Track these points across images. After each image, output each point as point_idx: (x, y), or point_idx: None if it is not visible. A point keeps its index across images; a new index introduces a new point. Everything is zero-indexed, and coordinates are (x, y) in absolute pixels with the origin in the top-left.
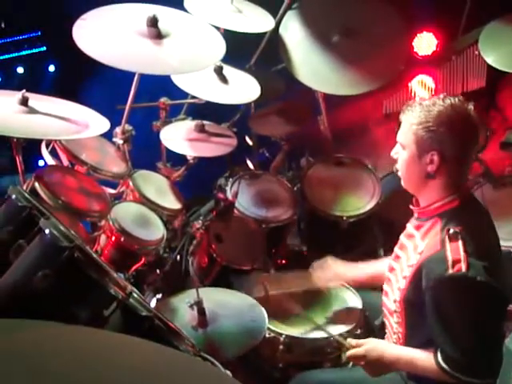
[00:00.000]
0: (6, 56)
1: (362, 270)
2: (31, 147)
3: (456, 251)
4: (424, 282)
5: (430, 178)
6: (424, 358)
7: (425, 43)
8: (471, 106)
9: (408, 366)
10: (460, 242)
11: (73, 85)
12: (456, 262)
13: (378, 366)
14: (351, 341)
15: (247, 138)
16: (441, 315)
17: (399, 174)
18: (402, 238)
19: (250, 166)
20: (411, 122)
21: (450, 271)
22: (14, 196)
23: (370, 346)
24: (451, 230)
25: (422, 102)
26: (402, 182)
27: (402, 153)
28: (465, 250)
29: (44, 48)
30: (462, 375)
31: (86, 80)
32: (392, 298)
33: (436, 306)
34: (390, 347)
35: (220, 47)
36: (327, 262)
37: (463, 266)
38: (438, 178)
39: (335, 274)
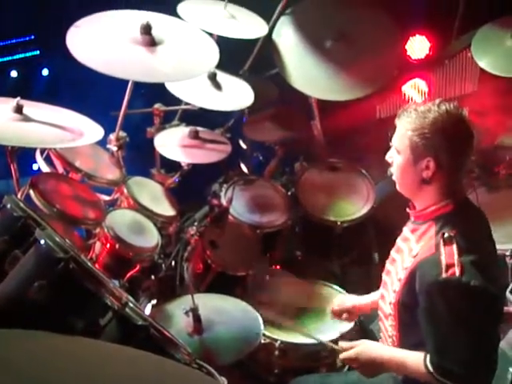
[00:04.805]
0: (0, 59)
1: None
2: (25, 151)
3: (450, 255)
4: (418, 285)
5: (425, 183)
6: (415, 360)
7: (417, 46)
8: (466, 112)
9: (399, 367)
10: (454, 246)
11: (66, 89)
12: (450, 266)
13: (371, 366)
14: (342, 344)
15: (241, 142)
16: (432, 319)
17: (393, 177)
18: (399, 241)
19: (245, 170)
20: (406, 127)
21: (444, 275)
22: (8, 205)
23: (361, 347)
24: (446, 234)
25: (418, 107)
26: (397, 186)
27: (396, 157)
28: (459, 254)
29: (37, 52)
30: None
31: (79, 84)
32: (387, 301)
33: (428, 310)
34: (381, 348)
35: (213, 54)
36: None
37: (457, 271)
38: (433, 183)
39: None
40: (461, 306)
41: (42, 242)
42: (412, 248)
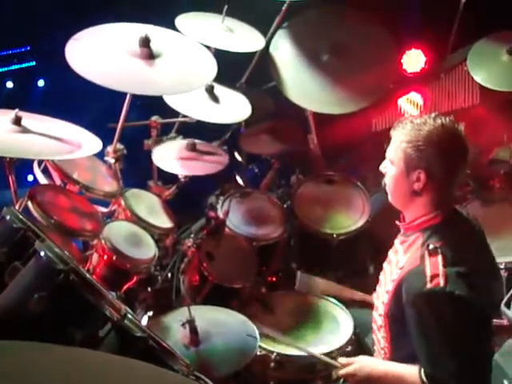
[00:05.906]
0: None
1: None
2: (20, 162)
3: (435, 266)
4: (404, 296)
5: (416, 195)
6: (411, 374)
7: (413, 60)
8: (462, 127)
9: (396, 382)
10: (439, 257)
11: (62, 100)
12: (434, 276)
13: (368, 382)
14: (341, 359)
15: (236, 154)
16: (420, 330)
17: (386, 188)
18: (390, 253)
19: (240, 182)
20: (401, 139)
21: (429, 286)
22: (8, 217)
23: (360, 363)
24: (431, 246)
25: (414, 119)
26: (389, 197)
27: (390, 168)
28: (444, 264)
29: (33, 63)
30: None
31: (75, 96)
32: (378, 313)
33: (416, 322)
34: (378, 363)
35: (211, 67)
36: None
37: (441, 281)
38: (424, 195)
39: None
40: (446, 315)
41: (42, 253)
42: (399, 260)
